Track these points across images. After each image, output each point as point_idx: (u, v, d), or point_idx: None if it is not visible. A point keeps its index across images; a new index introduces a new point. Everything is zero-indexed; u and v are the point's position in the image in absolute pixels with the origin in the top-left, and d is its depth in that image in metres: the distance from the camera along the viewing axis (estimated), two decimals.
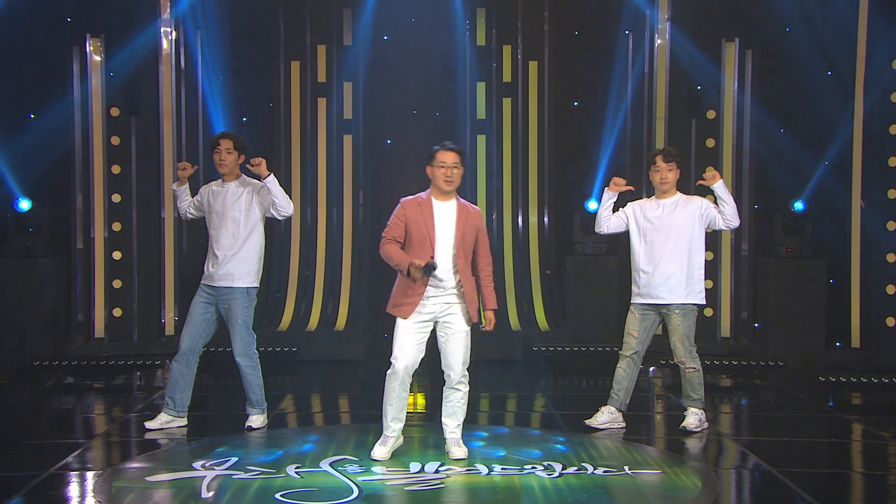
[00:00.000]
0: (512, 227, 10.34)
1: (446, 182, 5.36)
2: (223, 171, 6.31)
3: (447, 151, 5.37)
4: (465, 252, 5.42)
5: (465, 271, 5.40)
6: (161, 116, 9.36)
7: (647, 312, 6.36)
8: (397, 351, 5.39)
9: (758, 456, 5.79)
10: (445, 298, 5.39)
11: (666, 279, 6.25)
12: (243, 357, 6.30)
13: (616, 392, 6.44)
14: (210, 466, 5.31)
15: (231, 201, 6.27)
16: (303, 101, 10.27)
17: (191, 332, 6.31)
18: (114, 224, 9.22)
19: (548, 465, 5.37)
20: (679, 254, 6.25)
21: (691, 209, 6.30)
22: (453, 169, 5.36)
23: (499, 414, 7.34)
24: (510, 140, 10.38)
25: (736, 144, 9.44)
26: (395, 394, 5.44)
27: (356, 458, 5.49)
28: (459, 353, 5.41)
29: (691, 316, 6.31)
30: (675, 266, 6.25)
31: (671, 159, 6.32)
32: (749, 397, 7.93)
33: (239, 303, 6.25)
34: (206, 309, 6.32)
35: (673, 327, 6.30)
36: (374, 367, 9.03)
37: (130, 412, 7.05)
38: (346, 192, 10.34)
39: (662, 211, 6.31)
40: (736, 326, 9.49)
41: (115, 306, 9.21)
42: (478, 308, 5.46)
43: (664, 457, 5.75)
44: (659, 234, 6.28)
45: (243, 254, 6.24)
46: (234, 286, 6.24)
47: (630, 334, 6.41)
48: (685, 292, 6.26)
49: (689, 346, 6.29)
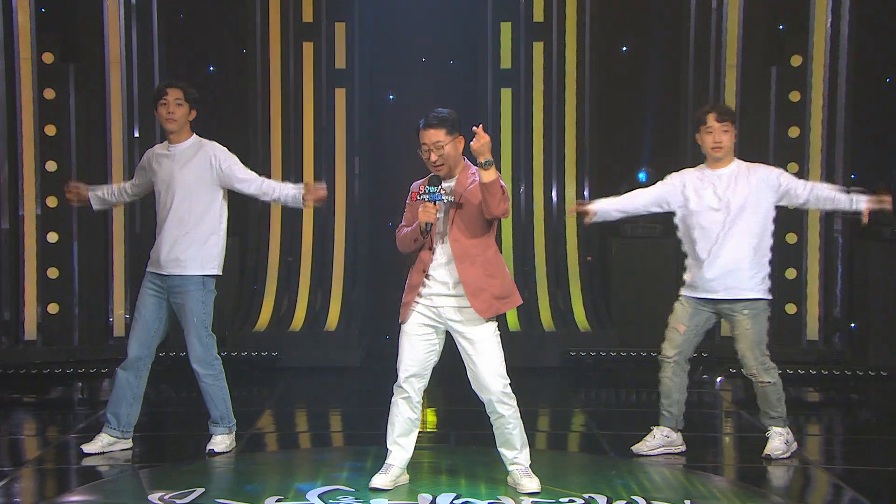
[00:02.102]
0: (544, 204, 10.31)
1: (434, 168, 5.40)
2: (171, 129, 6.29)
3: (425, 130, 5.38)
4: (465, 229, 5.34)
5: (466, 254, 5.32)
6: (107, 64, 9.33)
7: (701, 309, 6.31)
8: (402, 365, 5.45)
9: (854, 489, 5.75)
10: (453, 301, 5.37)
11: (725, 271, 6.18)
12: (201, 364, 6.28)
13: (667, 408, 6.40)
14: (169, 500, 5.29)
15: (180, 166, 6.23)
16: (284, 45, 10.23)
17: (141, 335, 6.31)
18: (48, 199, 9.21)
19: (589, 499, 5.34)
20: (741, 238, 6.18)
21: (755, 180, 6.22)
22: (438, 150, 5.35)
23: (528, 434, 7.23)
24: (542, 95, 10.33)
25: (828, 99, 9.36)
26: (398, 409, 5.47)
27: (351, 489, 5.47)
28: (488, 365, 5.37)
29: (763, 316, 6.26)
30: (738, 253, 6.18)
31: (726, 117, 6.23)
32: (843, 416, 7.90)
33: (193, 296, 6.22)
34: (157, 304, 6.30)
35: (740, 332, 6.23)
36: (372, 377, 9.09)
37: (70, 433, 7.03)
38: (339, 159, 10.33)
39: (718, 184, 6.22)
40: (826, 327, 9.43)
41: (50, 301, 9.21)
42: (491, 298, 5.34)
43: (735, 489, 5.72)
44: (715, 214, 6.20)
45: (198, 233, 6.20)
46: (186, 274, 6.21)
47: (675, 329, 6.33)
48: (752, 285, 6.19)
49: (760, 354, 6.24)
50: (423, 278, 5.39)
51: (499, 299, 5.39)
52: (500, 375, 5.39)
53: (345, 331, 9.68)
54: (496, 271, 5.39)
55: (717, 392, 8.39)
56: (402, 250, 5.52)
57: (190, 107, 6.29)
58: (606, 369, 9.17)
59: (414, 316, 5.40)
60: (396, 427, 5.48)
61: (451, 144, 5.36)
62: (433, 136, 5.35)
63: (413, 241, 5.41)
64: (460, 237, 5.35)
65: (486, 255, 5.38)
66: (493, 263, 5.39)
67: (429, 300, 5.40)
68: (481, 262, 5.36)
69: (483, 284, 5.33)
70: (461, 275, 5.33)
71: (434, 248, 5.39)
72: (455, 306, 5.37)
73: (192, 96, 6.32)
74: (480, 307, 5.32)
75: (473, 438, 6.56)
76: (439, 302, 5.39)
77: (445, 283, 5.37)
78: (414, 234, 5.39)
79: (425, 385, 5.49)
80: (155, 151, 6.41)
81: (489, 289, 5.34)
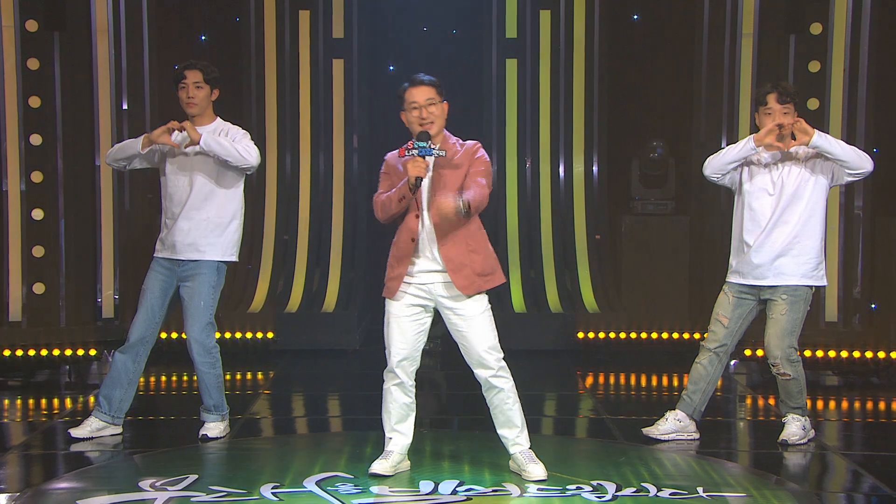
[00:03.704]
0: (551, 179, 10.31)
1: (423, 126, 5.38)
2: (193, 112, 6.31)
3: (416, 87, 5.42)
4: None
5: (447, 230, 5.32)
6: (94, 33, 9.28)
7: (745, 297, 6.30)
8: (392, 348, 5.44)
9: (875, 476, 5.74)
10: (440, 277, 5.38)
11: (774, 256, 6.19)
12: (200, 351, 6.30)
13: (690, 394, 6.40)
14: (161, 486, 5.29)
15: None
16: (279, 14, 10.22)
17: (145, 320, 6.33)
18: (33, 174, 9.17)
19: (598, 486, 5.34)
20: (793, 223, 6.18)
21: (811, 163, 6.21)
22: (429, 107, 5.39)
23: (534, 419, 7.32)
24: (549, 65, 10.32)
25: (850, 69, 9.30)
26: (391, 396, 5.47)
27: (350, 476, 5.48)
28: (481, 340, 5.39)
29: (801, 305, 6.24)
30: (789, 239, 6.18)
31: (788, 98, 6.19)
32: (863, 400, 7.89)
33: (205, 280, 6.26)
34: (164, 290, 6.33)
35: (774, 317, 6.22)
36: (372, 360, 9.05)
37: (57, 418, 7.05)
38: (337, 133, 10.33)
39: (774, 165, 6.21)
40: (846, 307, 9.41)
41: (35, 281, 9.19)
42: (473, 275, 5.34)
43: (750, 476, 5.72)
44: (768, 196, 6.20)
45: (221, 219, 6.27)
46: (204, 259, 6.25)
47: (718, 321, 6.35)
48: (799, 273, 6.18)
49: (787, 346, 6.22)
50: (412, 248, 5.36)
51: (480, 276, 5.38)
52: (495, 349, 5.41)
53: (343, 312, 9.69)
54: (479, 247, 5.39)
55: (731, 375, 8.40)
56: (384, 216, 5.43)
57: (211, 87, 6.31)
58: (616, 352, 9.17)
59: (401, 296, 5.40)
60: (393, 415, 5.49)
61: (439, 106, 5.41)
62: (426, 93, 5.39)
63: (399, 200, 5.34)
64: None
65: (470, 229, 5.38)
66: (476, 239, 5.39)
67: (417, 278, 5.39)
68: (464, 237, 5.36)
69: (465, 260, 5.34)
70: (441, 250, 5.33)
71: (421, 213, 5.36)
72: (443, 282, 5.37)
73: (213, 76, 6.32)
74: (462, 283, 5.33)
75: (476, 424, 6.56)
76: (428, 279, 5.38)
77: (432, 258, 5.36)
78: (401, 192, 5.32)
79: (417, 367, 5.48)
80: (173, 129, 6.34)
81: (470, 264, 5.35)
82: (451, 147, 5.41)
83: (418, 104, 5.39)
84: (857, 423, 7.39)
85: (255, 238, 10.06)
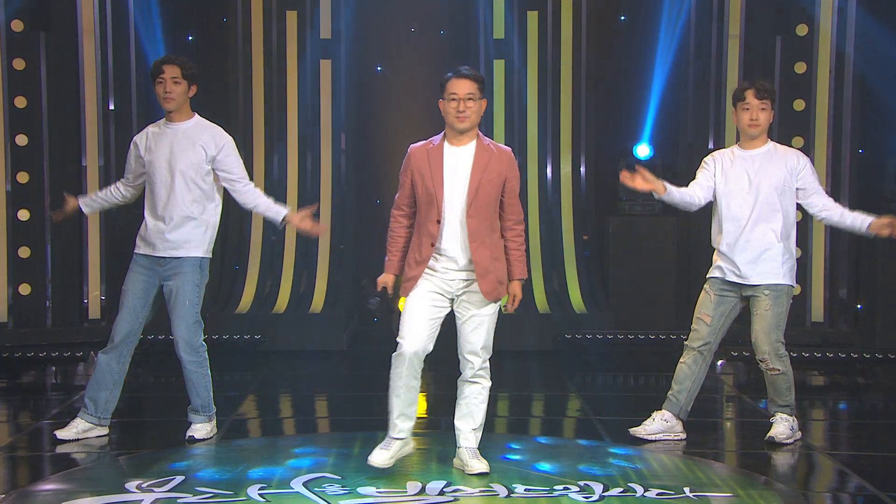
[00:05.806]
0: (538, 180, 10.33)
1: (458, 118, 5.42)
2: (169, 108, 6.28)
3: (459, 79, 5.46)
4: (482, 209, 5.45)
5: (478, 234, 5.41)
6: (80, 33, 9.26)
7: (727, 294, 6.33)
8: (405, 330, 5.44)
9: (860, 476, 5.77)
10: (463, 275, 5.47)
11: (756, 254, 6.23)
12: (187, 350, 6.29)
13: (675, 394, 6.42)
14: (147, 488, 5.30)
15: (182, 147, 6.23)
16: (267, 14, 10.21)
17: (128, 320, 6.30)
18: (19, 174, 9.15)
19: (585, 486, 5.35)
20: (772, 220, 6.22)
21: (789, 163, 6.26)
22: (467, 101, 5.42)
23: (521, 420, 7.36)
24: (536, 66, 10.33)
25: (835, 70, 9.34)
26: (402, 381, 5.44)
27: (338, 477, 5.48)
28: (484, 337, 5.49)
29: (784, 301, 6.29)
30: (768, 236, 6.22)
31: (765, 95, 6.25)
32: (849, 400, 7.93)
33: (189, 279, 6.24)
34: (146, 288, 6.31)
35: (759, 313, 6.27)
36: (359, 360, 9.09)
37: (42, 419, 7.03)
38: (324, 133, 10.32)
39: (751, 164, 6.24)
40: (832, 308, 9.46)
41: (21, 282, 9.16)
42: (496, 282, 5.44)
43: (737, 476, 5.73)
44: (746, 194, 6.23)
45: (205, 216, 6.26)
46: (187, 256, 6.23)
47: (701, 320, 6.38)
48: (780, 270, 6.22)
49: (775, 340, 6.26)
50: (431, 252, 5.43)
51: (500, 283, 5.52)
52: (486, 350, 5.54)
53: (331, 313, 9.68)
54: (501, 255, 5.53)
55: (717, 376, 8.42)
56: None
57: (189, 83, 6.28)
58: (603, 352, 9.18)
59: (423, 283, 5.45)
60: (402, 397, 5.46)
61: (479, 102, 5.46)
62: (468, 87, 5.43)
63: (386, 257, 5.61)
64: (476, 215, 5.42)
65: (493, 237, 5.50)
66: (498, 247, 5.53)
67: (440, 273, 5.46)
68: (490, 244, 5.47)
69: (490, 266, 5.45)
70: (473, 254, 5.42)
71: (442, 220, 5.41)
72: (465, 279, 5.46)
73: (191, 71, 6.30)
74: (486, 289, 5.44)
75: None
76: (450, 276, 5.46)
77: (455, 259, 5.44)
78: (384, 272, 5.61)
79: (429, 352, 5.48)
80: (148, 132, 6.37)
81: (494, 272, 5.47)
82: (486, 148, 5.48)
83: (457, 96, 5.43)
84: (843, 424, 7.42)
85: (242, 239, 10.05)
